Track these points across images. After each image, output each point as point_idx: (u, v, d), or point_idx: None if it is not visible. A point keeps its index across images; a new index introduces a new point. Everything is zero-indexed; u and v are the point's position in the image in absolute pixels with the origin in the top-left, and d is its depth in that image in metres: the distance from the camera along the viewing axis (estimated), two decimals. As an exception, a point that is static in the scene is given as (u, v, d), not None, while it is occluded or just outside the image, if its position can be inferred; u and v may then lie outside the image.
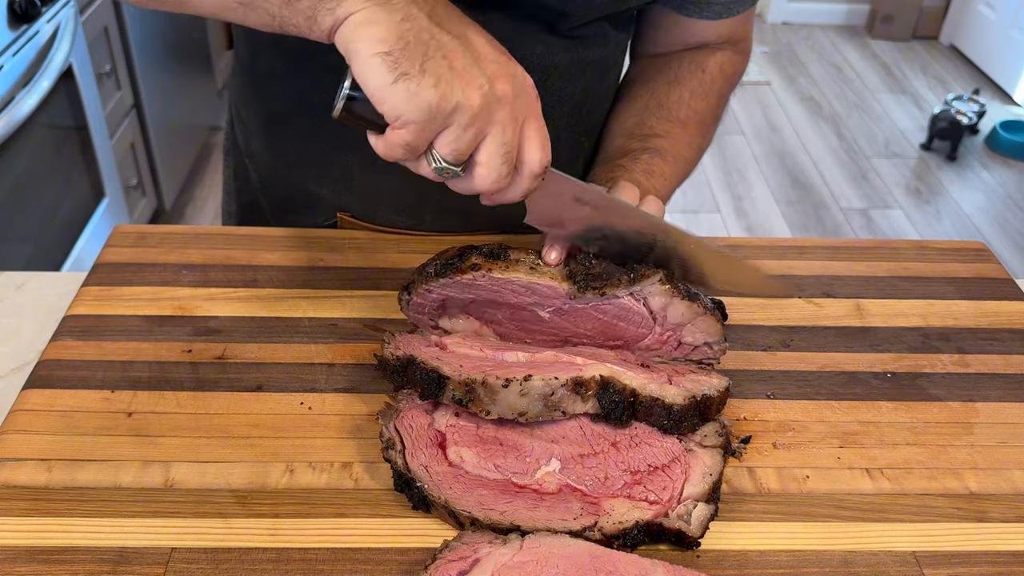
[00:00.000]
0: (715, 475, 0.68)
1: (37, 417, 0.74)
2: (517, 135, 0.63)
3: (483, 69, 0.61)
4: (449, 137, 0.61)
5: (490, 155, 0.63)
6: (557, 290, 0.73)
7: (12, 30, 1.87)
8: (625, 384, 0.70)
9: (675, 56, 1.02)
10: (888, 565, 0.65)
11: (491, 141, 0.62)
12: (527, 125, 0.64)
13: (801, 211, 3.31)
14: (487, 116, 0.61)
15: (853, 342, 0.87)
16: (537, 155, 0.65)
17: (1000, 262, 1.00)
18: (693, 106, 0.99)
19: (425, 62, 0.59)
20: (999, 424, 0.79)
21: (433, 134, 0.61)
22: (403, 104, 0.59)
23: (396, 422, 0.71)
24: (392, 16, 0.59)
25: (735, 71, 1.04)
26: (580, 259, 0.74)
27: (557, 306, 0.75)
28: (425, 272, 0.75)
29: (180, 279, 0.90)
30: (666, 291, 0.73)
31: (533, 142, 0.65)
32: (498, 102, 0.62)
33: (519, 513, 0.65)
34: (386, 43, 0.58)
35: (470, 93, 0.60)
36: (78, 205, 2.25)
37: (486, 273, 0.74)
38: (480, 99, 0.60)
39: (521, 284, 0.74)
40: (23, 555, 0.63)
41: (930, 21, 4.72)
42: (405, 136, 0.60)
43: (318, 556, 0.64)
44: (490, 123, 0.62)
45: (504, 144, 0.62)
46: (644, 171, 0.92)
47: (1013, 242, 3.18)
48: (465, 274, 0.74)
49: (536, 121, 0.65)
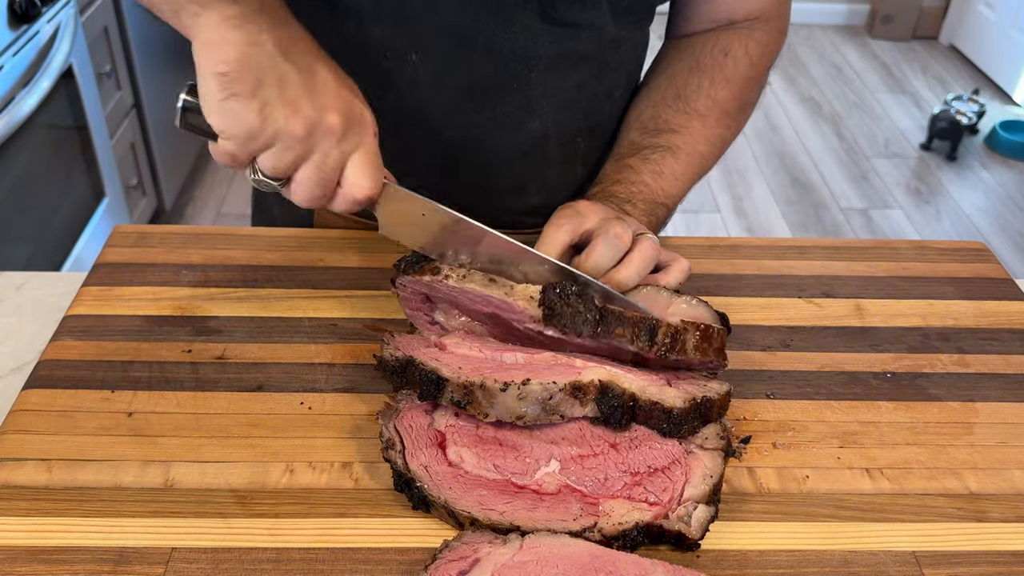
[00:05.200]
0: (715, 477, 0.68)
1: (37, 417, 0.74)
2: (338, 165, 0.69)
3: (315, 100, 0.66)
4: (269, 156, 0.67)
5: (306, 177, 0.68)
6: (514, 307, 0.71)
7: (12, 30, 1.87)
8: (624, 388, 0.69)
9: (699, 39, 0.97)
10: (888, 565, 0.65)
11: (309, 166, 0.68)
12: (356, 155, 0.69)
13: (801, 211, 3.31)
14: (308, 143, 0.67)
15: (853, 342, 0.87)
16: (361, 183, 0.69)
17: (1000, 262, 1.00)
18: (713, 95, 0.94)
19: (257, 88, 0.64)
20: (999, 424, 0.79)
21: (255, 151, 0.67)
22: (227, 121, 0.65)
23: (396, 422, 0.71)
24: (239, 39, 0.64)
25: (764, 52, 0.97)
26: (557, 289, 0.71)
27: (525, 323, 0.73)
28: (397, 266, 0.76)
29: (180, 279, 0.90)
30: (640, 348, 0.70)
31: (359, 170, 0.69)
32: (324, 133, 0.67)
33: (519, 513, 0.65)
34: (226, 64, 0.64)
35: (293, 121, 0.65)
36: (78, 205, 2.25)
37: (443, 280, 0.73)
38: (303, 128, 0.66)
39: (478, 295, 0.73)
40: (23, 555, 0.63)
41: (930, 21, 4.72)
42: (229, 147, 0.67)
43: (318, 556, 0.64)
44: (311, 150, 0.67)
45: (320, 171, 0.68)
46: (653, 172, 0.91)
47: (1013, 242, 3.18)
48: (424, 275, 0.74)
49: (367, 154, 0.70)
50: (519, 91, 0.91)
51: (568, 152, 0.99)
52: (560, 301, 0.70)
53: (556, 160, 0.99)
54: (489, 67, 0.89)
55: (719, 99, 0.95)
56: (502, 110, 0.92)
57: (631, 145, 0.95)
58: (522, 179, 0.98)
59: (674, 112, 0.95)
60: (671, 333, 0.70)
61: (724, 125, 0.96)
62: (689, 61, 0.97)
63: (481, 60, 0.88)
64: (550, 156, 0.98)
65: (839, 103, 4.11)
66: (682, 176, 0.92)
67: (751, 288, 0.94)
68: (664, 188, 0.90)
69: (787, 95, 4.17)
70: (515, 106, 0.92)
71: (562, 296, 0.70)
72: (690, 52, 0.97)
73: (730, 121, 0.97)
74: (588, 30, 0.90)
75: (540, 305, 0.71)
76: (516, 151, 0.96)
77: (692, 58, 0.97)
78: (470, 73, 0.89)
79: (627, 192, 0.89)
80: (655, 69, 1.01)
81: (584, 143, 1.00)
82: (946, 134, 3.63)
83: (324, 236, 0.99)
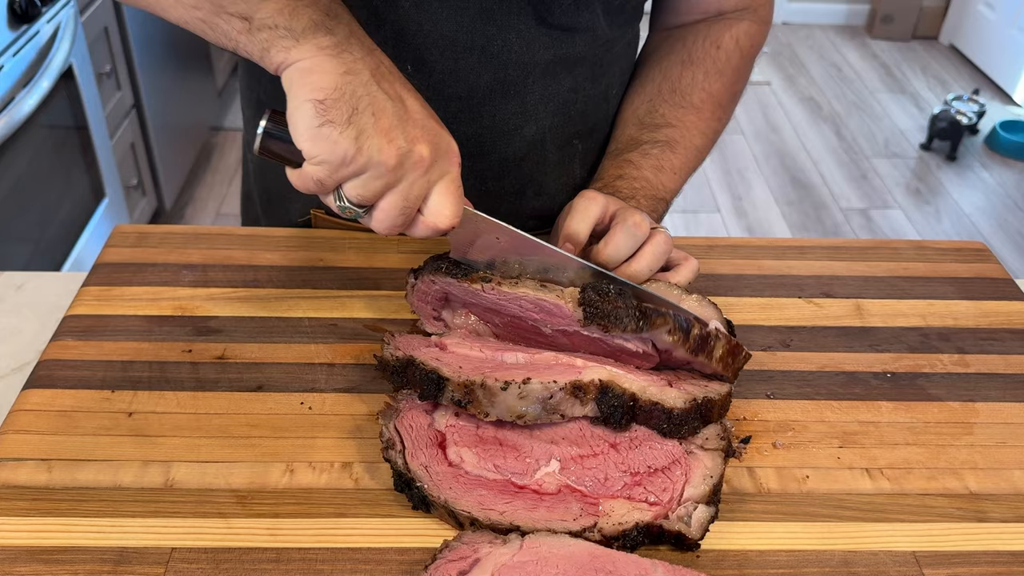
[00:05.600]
0: (715, 477, 0.68)
1: (37, 417, 0.74)
2: (423, 194, 0.68)
3: (407, 131, 0.66)
4: (357, 184, 0.66)
5: (391, 206, 0.68)
6: (564, 310, 0.73)
7: (12, 30, 1.87)
8: (625, 388, 0.69)
9: (689, 31, 0.98)
10: (888, 565, 0.65)
11: (395, 195, 0.67)
12: (440, 184, 0.69)
13: (801, 211, 3.31)
14: (398, 173, 0.66)
15: (853, 342, 0.87)
16: (444, 212, 0.70)
17: (1000, 262, 1.00)
18: (708, 88, 0.96)
19: (353, 115, 0.64)
20: (999, 424, 0.79)
21: (344, 178, 0.66)
22: (320, 148, 0.64)
23: (396, 422, 0.71)
24: (336, 67, 0.64)
25: (753, 43, 0.99)
26: (597, 289, 0.73)
27: (563, 327, 0.74)
28: (436, 264, 0.76)
29: (180, 279, 0.90)
30: (674, 341, 0.72)
31: (443, 200, 0.69)
32: (413, 164, 0.67)
33: (519, 513, 0.65)
34: (323, 91, 0.63)
35: (387, 150, 0.65)
36: (78, 205, 2.25)
37: (495, 287, 0.74)
38: (395, 158, 0.65)
39: (529, 300, 0.74)
40: (23, 555, 0.63)
41: (930, 21, 4.72)
42: (318, 173, 0.66)
43: (318, 556, 0.64)
44: (400, 180, 0.67)
45: (406, 200, 0.68)
46: (654, 167, 0.91)
47: (1013, 242, 3.18)
48: (475, 284, 0.74)
49: (451, 183, 0.70)
50: (516, 97, 0.91)
51: (566, 154, 0.99)
52: (600, 299, 0.72)
53: (554, 163, 0.98)
54: (486, 75, 0.89)
55: (713, 91, 0.96)
56: (499, 117, 0.92)
57: (629, 140, 0.95)
58: (520, 183, 0.98)
59: (671, 106, 0.95)
60: (699, 336, 0.72)
61: (717, 117, 0.98)
62: (682, 54, 0.97)
63: (477, 69, 0.88)
64: (548, 159, 0.98)
65: (839, 103, 4.11)
66: (680, 170, 0.93)
67: (751, 288, 0.94)
68: (664, 183, 0.91)
69: (787, 95, 4.17)
70: (512, 112, 0.92)
71: (601, 295, 0.72)
72: (681, 45, 0.98)
73: (722, 113, 0.98)
74: (582, 33, 0.90)
75: (580, 305, 0.72)
76: (514, 156, 0.96)
77: (684, 51, 0.97)
78: (467, 82, 0.89)
79: (630, 188, 0.89)
80: (646, 62, 1.01)
81: (581, 144, 1.00)
82: (946, 134, 3.63)
83: (324, 236, 0.99)
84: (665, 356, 0.74)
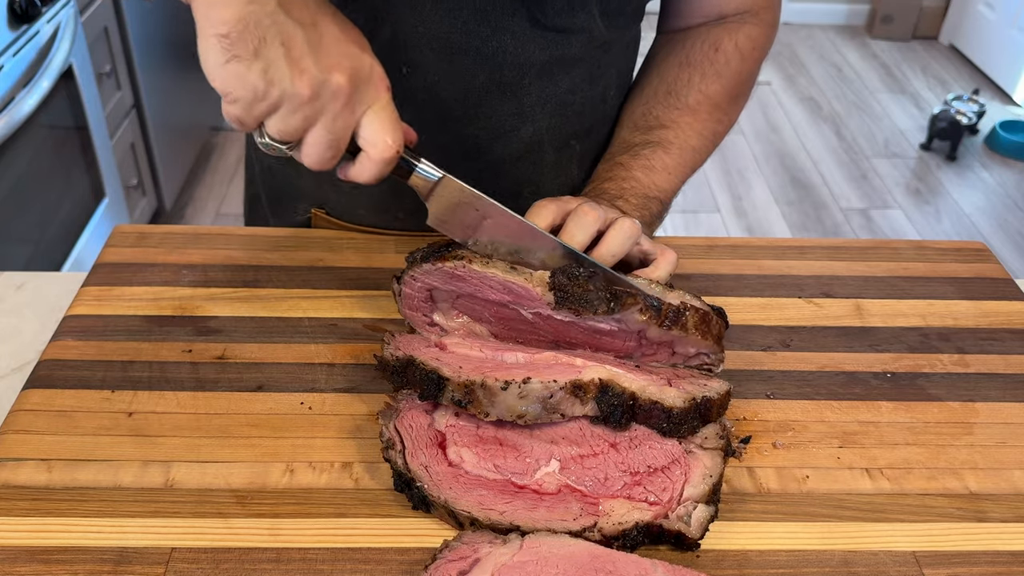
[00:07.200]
0: (715, 477, 0.68)
1: (37, 417, 0.74)
2: (349, 125, 0.66)
3: (319, 60, 0.63)
4: (276, 119, 0.64)
5: (316, 140, 0.66)
6: (532, 292, 0.73)
7: (12, 30, 1.87)
8: (624, 387, 0.69)
9: (689, 34, 0.98)
10: (888, 565, 0.66)
11: (319, 128, 0.65)
12: (371, 112, 0.67)
13: (801, 211, 3.31)
14: (316, 105, 0.64)
15: (853, 342, 0.87)
16: (381, 140, 0.67)
17: (1000, 262, 1.00)
18: (704, 89, 0.95)
19: (260, 47, 0.61)
20: (999, 424, 0.79)
21: (261, 114, 0.64)
22: (231, 85, 0.62)
23: (396, 422, 0.71)
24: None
25: (755, 46, 0.97)
26: (567, 273, 0.73)
27: (536, 309, 0.74)
28: (413, 257, 0.76)
29: (180, 279, 0.90)
30: (647, 320, 0.72)
31: (376, 128, 0.67)
32: (332, 94, 0.64)
33: (519, 513, 0.65)
34: (226, 24, 0.61)
35: (299, 82, 0.63)
36: (78, 205, 2.25)
37: (466, 264, 0.74)
38: (310, 89, 0.63)
39: (497, 281, 0.74)
40: (23, 555, 0.63)
41: (930, 21, 4.72)
42: (233, 111, 0.64)
43: (318, 556, 0.64)
44: (321, 112, 0.64)
45: (331, 133, 0.65)
46: (644, 167, 0.91)
47: (1013, 242, 3.18)
48: (448, 261, 0.74)
49: (382, 111, 0.67)
50: (512, 98, 0.91)
51: (563, 155, 0.99)
52: (570, 282, 0.72)
53: (551, 163, 0.98)
54: (481, 76, 0.89)
55: (710, 93, 0.95)
56: (496, 118, 0.92)
57: (622, 143, 0.95)
58: (518, 183, 0.98)
59: (665, 108, 0.95)
60: (672, 310, 0.72)
61: (716, 119, 0.96)
62: (679, 57, 0.97)
63: (473, 70, 0.88)
64: (545, 160, 0.98)
65: (839, 103, 4.11)
66: (675, 170, 0.92)
67: (751, 288, 0.94)
68: (656, 182, 0.90)
69: (787, 95, 4.17)
70: (508, 113, 0.92)
71: (571, 278, 0.72)
72: (680, 48, 0.97)
73: (722, 115, 0.97)
74: (578, 34, 0.90)
75: (551, 289, 0.72)
76: (511, 157, 0.96)
77: (682, 54, 0.97)
78: (462, 83, 0.89)
79: (618, 188, 0.89)
80: (647, 66, 1.01)
81: (579, 145, 0.99)
82: (946, 134, 3.63)
83: (324, 236, 0.99)
84: (641, 337, 0.74)
